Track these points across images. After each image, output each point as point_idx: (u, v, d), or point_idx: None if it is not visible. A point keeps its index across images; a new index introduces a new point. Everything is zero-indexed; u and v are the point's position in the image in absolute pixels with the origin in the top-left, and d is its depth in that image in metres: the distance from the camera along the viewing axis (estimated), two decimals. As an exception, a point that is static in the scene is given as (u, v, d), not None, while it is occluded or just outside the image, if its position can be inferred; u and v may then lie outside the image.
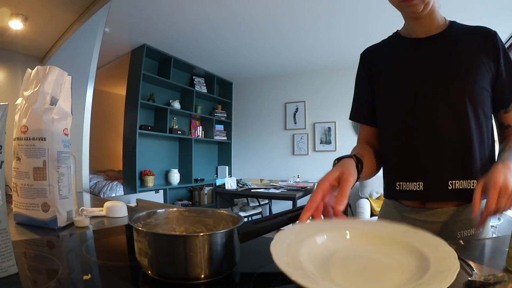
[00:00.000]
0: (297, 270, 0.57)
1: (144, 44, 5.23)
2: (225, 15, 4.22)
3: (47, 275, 0.70)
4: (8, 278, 0.65)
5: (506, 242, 0.68)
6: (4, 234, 0.66)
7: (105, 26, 2.41)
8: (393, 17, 1.41)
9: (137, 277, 0.72)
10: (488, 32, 1.16)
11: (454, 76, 1.12)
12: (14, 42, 2.13)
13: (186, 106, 6.25)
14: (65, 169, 1.16)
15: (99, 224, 1.23)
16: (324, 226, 0.81)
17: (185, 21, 4.46)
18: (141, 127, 5.24)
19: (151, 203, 2.09)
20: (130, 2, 3.81)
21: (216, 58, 5.98)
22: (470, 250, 0.82)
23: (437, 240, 0.69)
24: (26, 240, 0.97)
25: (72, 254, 0.90)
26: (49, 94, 1.14)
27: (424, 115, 1.14)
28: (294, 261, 0.61)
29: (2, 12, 1.93)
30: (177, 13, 4.22)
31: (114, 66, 6.01)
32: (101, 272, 0.72)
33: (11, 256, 0.67)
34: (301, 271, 0.57)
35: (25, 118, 1.10)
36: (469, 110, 1.10)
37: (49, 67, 1.15)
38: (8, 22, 1.99)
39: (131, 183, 5.22)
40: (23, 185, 1.11)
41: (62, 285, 0.64)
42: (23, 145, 1.09)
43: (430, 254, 0.65)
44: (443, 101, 1.11)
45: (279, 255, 0.59)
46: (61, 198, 1.13)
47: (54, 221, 1.11)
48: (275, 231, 0.72)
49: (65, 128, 1.17)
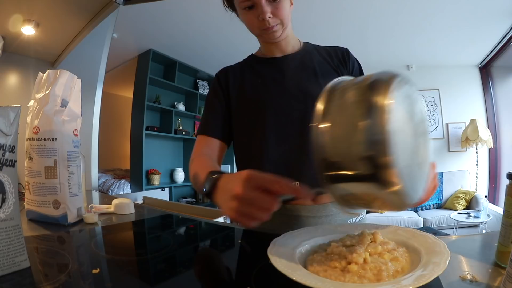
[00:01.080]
0: (296, 270, 0.57)
1: (150, 49, 5.23)
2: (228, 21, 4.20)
3: (58, 269, 0.70)
4: (20, 272, 0.65)
5: (495, 238, 0.68)
6: (17, 230, 0.66)
7: (113, 32, 2.41)
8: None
9: (144, 271, 0.72)
10: (341, 48, 1.27)
11: (307, 85, 1.17)
12: (27, 47, 2.13)
13: (190, 108, 6.24)
14: (75, 168, 1.16)
15: (107, 221, 1.23)
16: (319, 231, 0.81)
17: (189, 27, 4.46)
18: (147, 128, 5.23)
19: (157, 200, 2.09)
20: (137, 10, 3.80)
21: (219, 62, 5.88)
22: (461, 245, 0.82)
23: (425, 235, 0.70)
24: (38, 235, 0.98)
25: (82, 249, 0.90)
26: (60, 97, 1.14)
27: (286, 123, 1.15)
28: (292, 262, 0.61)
29: (15, 19, 1.93)
30: (181, 20, 4.22)
31: (121, 70, 6.00)
32: (109, 266, 0.72)
33: (24, 251, 0.67)
34: (299, 271, 0.57)
35: (37, 119, 1.10)
36: None
37: (60, 71, 1.15)
38: (21, 28, 1.99)
39: (138, 182, 5.22)
40: (35, 183, 1.11)
41: (72, 278, 0.64)
42: (35, 145, 1.09)
43: (421, 247, 0.65)
44: (298, 111, 1.14)
45: (276, 258, 0.60)
46: (71, 195, 1.13)
47: (64, 217, 1.11)
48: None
49: (75, 129, 1.17)
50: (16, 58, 2.17)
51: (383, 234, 0.74)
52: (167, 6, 3.83)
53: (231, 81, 1.27)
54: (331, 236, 0.77)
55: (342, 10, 3.84)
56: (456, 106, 5.71)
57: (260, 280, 0.64)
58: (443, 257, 0.56)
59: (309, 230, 0.81)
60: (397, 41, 4.82)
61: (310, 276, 0.56)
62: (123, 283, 0.65)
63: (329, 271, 0.59)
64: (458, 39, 4.62)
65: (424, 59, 5.60)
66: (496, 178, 5.40)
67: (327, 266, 0.61)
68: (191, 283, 0.62)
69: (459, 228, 4.52)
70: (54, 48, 2.34)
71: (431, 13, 3.89)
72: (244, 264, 0.78)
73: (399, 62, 5.79)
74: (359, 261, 0.60)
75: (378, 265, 0.58)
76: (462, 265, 0.67)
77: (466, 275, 0.61)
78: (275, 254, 0.62)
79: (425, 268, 0.54)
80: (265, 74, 1.23)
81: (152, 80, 5.31)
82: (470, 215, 4.35)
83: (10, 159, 0.67)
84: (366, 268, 0.58)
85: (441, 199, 5.34)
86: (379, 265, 0.58)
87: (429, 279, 0.49)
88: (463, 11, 3.82)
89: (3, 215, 0.64)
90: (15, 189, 0.67)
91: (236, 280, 0.67)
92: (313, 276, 0.57)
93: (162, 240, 1.01)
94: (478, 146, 5.17)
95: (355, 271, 0.58)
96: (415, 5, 3.71)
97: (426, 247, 0.64)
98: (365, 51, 4.94)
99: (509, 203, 0.63)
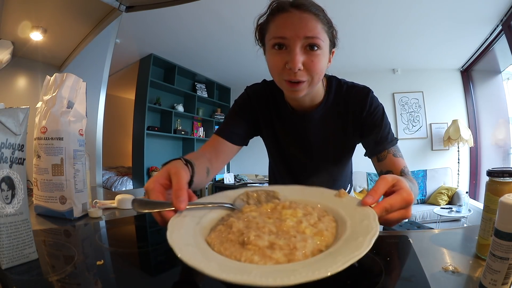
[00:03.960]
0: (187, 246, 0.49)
1: (151, 54, 5.23)
2: (224, 28, 4.23)
3: (64, 260, 0.70)
4: (29, 263, 0.65)
5: (476, 231, 0.68)
6: (26, 224, 0.66)
7: (116, 37, 2.40)
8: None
9: (145, 262, 0.72)
10: (363, 91, 1.06)
11: (324, 158, 1.15)
12: (35, 52, 2.12)
13: (189, 109, 6.24)
14: (81, 166, 1.16)
15: (111, 215, 1.23)
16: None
17: (188, 33, 4.46)
18: (148, 128, 5.24)
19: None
20: (138, 17, 3.80)
21: (216, 66, 5.98)
22: (443, 238, 0.82)
23: (357, 201, 0.62)
24: (45, 229, 0.97)
25: (87, 242, 0.90)
26: (66, 99, 1.14)
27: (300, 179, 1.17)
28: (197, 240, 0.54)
29: (24, 25, 1.93)
30: (181, 26, 4.22)
31: (124, 74, 5.99)
32: (113, 258, 0.72)
33: (32, 244, 0.67)
34: (192, 247, 0.50)
35: (45, 120, 1.10)
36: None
37: (66, 74, 1.15)
38: (30, 34, 1.99)
39: (139, 178, 5.22)
40: (42, 180, 1.11)
41: (78, 269, 0.64)
42: (43, 144, 1.09)
43: (347, 217, 0.57)
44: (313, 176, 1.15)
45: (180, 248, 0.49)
46: (77, 191, 1.13)
47: (70, 212, 1.11)
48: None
49: (81, 129, 1.17)
50: (25, 62, 2.16)
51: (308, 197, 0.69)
52: (167, 14, 3.84)
53: (258, 107, 1.16)
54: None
55: (330, 17, 3.84)
56: (439, 107, 5.74)
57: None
58: (367, 235, 0.47)
59: (205, 200, 0.71)
60: (383, 46, 4.85)
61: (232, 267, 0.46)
62: (125, 274, 0.65)
63: (226, 244, 0.52)
64: (441, 44, 4.65)
65: (409, 63, 5.64)
66: (477, 175, 5.43)
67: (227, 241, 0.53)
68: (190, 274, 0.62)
69: (441, 222, 4.54)
70: (61, 53, 2.33)
71: (415, 20, 3.92)
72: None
73: (386, 66, 5.83)
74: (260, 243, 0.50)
75: (291, 241, 0.50)
76: (445, 257, 0.67)
77: (448, 266, 0.61)
78: (180, 242, 0.51)
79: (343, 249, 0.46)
80: (287, 125, 1.13)
81: (152, 83, 5.32)
82: (452, 210, 4.37)
83: (19, 157, 0.67)
84: (275, 244, 0.50)
85: (424, 195, 5.37)
86: (291, 241, 0.50)
87: (341, 267, 0.41)
88: (445, 19, 3.84)
89: (13, 209, 0.64)
90: (24, 185, 0.67)
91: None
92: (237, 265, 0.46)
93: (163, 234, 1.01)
94: (460, 145, 5.20)
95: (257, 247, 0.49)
96: (401, 12, 3.74)
97: (353, 218, 0.55)
98: (353, 55, 4.95)
99: (488, 198, 0.64)
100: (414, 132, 5.85)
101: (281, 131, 1.15)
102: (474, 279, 0.57)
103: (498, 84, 4.78)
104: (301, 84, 0.89)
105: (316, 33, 0.85)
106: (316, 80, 0.90)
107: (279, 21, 0.87)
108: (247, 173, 6.55)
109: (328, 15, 0.91)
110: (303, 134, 1.12)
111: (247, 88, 1.19)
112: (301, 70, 0.86)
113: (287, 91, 0.94)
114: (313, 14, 0.85)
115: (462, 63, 5.42)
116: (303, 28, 0.84)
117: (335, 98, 1.08)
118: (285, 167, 1.23)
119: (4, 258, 0.62)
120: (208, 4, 3.61)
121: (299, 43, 0.85)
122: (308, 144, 1.14)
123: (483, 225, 0.65)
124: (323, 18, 0.88)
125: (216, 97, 7.16)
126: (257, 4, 0.95)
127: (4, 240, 0.62)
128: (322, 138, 1.12)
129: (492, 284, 0.48)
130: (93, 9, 2.02)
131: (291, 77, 0.88)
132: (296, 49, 0.85)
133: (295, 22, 0.85)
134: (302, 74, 0.87)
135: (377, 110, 1.05)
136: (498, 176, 0.63)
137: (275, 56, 0.89)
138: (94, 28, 2.16)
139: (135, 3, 2.06)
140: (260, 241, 0.50)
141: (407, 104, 5.89)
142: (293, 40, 0.85)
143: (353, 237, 0.48)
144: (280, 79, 0.92)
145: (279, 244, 0.49)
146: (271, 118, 1.15)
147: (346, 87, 1.09)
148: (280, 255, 0.47)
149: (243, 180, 5.55)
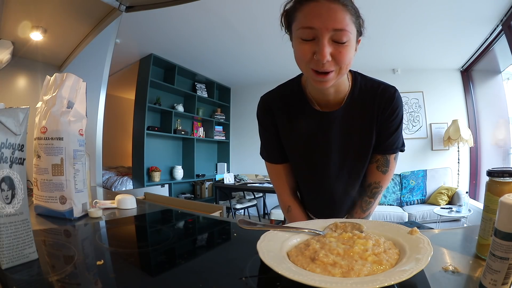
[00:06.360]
0: (282, 264, 0.57)
1: (151, 54, 5.23)
2: (224, 28, 4.23)
3: (64, 260, 0.70)
4: (29, 263, 0.65)
5: (476, 231, 0.68)
6: (26, 224, 0.66)
7: (116, 37, 2.40)
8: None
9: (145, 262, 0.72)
10: (389, 90, 1.06)
11: (350, 157, 1.13)
12: (35, 52, 2.12)
13: (189, 109, 6.23)
14: (81, 166, 1.16)
15: (111, 215, 1.23)
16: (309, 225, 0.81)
17: (188, 33, 4.46)
18: (148, 128, 5.23)
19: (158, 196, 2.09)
20: (138, 17, 3.79)
21: (216, 66, 5.97)
22: (443, 238, 0.82)
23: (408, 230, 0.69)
24: (45, 229, 0.97)
25: (87, 242, 0.90)
26: (66, 99, 1.14)
27: (322, 182, 1.19)
28: (279, 256, 0.61)
29: (24, 25, 1.93)
30: (181, 26, 4.22)
31: (124, 74, 5.98)
32: (113, 258, 0.72)
33: (32, 244, 0.67)
34: (285, 265, 0.57)
35: (45, 120, 1.10)
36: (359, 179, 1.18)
37: (66, 74, 1.15)
38: (30, 34, 1.99)
39: (139, 178, 5.21)
40: (42, 180, 1.11)
41: (78, 269, 0.64)
42: (43, 144, 1.09)
43: (405, 243, 0.64)
44: (339, 176, 1.16)
45: (264, 252, 0.60)
46: (77, 191, 1.13)
47: (70, 212, 1.11)
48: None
49: (81, 129, 1.17)
50: (25, 62, 2.16)
51: (370, 229, 0.75)
52: (167, 14, 3.83)
53: (276, 112, 1.15)
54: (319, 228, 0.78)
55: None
56: (439, 107, 5.74)
57: (254, 272, 0.65)
58: (425, 254, 0.56)
59: (299, 225, 0.80)
60: (384, 47, 4.84)
61: (293, 270, 0.55)
62: (125, 274, 0.65)
63: (299, 257, 0.61)
64: (441, 44, 4.64)
65: (409, 64, 5.63)
66: (477, 175, 5.43)
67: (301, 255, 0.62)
68: (190, 274, 0.62)
69: (441, 222, 4.54)
70: (61, 53, 2.33)
71: (415, 20, 3.91)
72: (239, 256, 0.78)
73: (386, 66, 5.82)
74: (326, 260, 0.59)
75: (351, 263, 0.57)
76: (445, 257, 0.67)
77: (448, 266, 0.61)
78: (264, 248, 0.62)
79: (407, 263, 0.55)
80: (307, 126, 1.11)
81: (153, 83, 5.31)
82: (452, 210, 4.37)
83: (19, 157, 0.67)
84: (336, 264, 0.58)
85: (424, 195, 5.36)
86: (352, 263, 0.57)
87: (409, 275, 0.49)
88: (445, 19, 3.83)
89: (13, 209, 0.64)
90: (24, 185, 0.67)
91: (232, 271, 0.67)
92: (296, 270, 0.56)
93: (162, 234, 1.01)
94: (460, 145, 5.19)
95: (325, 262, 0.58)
96: (401, 12, 3.73)
97: (411, 244, 0.63)
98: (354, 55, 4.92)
99: (488, 198, 0.64)
100: (414, 132, 5.85)
101: (302, 128, 1.13)
102: (474, 279, 0.57)
103: (498, 84, 4.78)
104: (329, 74, 0.89)
105: (344, 25, 0.85)
106: (344, 71, 0.91)
107: (307, 11, 0.86)
108: (247, 173, 6.55)
109: (355, 4, 0.91)
110: (327, 130, 1.10)
111: (261, 97, 1.19)
112: (329, 61, 0.86)
113: (314, 81, 0.93)
114: (341, 4, 0.84)
115: (462, 63, 5.41)
116: (332, 20, 0.83)
117: (360, 92, 1.07)
118: (306, 164, 1.19)
119: (4, 258, 0.62)
120: (208, 4, 3.61)
121: (327, 35, 0.84)
122: (329, 141, 1.11)
123: (483, 225, 0.65)
124: (351, 8, 0.87)
125: (216, 97, 7.16)
126: (257, 4, 0.95)
127: (4, 240, 0.62)
128: (345, 135, 1.10)
129: (492, 284, 0.48)
130: (93, 9, 2.02)
131: (318, 67, 0.88)
132: (324, 41, 0.84)
133: (323, 12, 0.83)
134: (330, 64, 0.87)
135: (398, 113, 1.06)
136: (498, 176, 0.63)
137: (303, 45, 0.88)
138: (94, 28, 2.16)
139: (135, 3, 2.06)
140: (326, 258, 0.58)
141: (407, 104, 5.88)
142: (321, 31, 0.84)
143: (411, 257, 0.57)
144: (307, 67, 0.91)
145: (340, 263, 0.57)
146: (290, 118, 1.14)
147: (371, 83, 1.08)
148: (337, 272, 0.55)
149: (243, 180, 5.55)
